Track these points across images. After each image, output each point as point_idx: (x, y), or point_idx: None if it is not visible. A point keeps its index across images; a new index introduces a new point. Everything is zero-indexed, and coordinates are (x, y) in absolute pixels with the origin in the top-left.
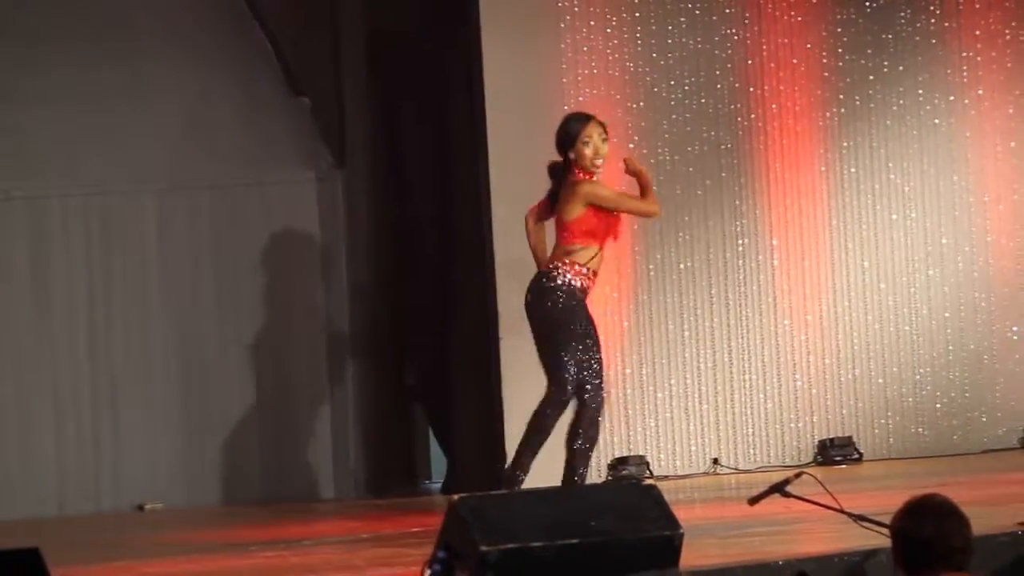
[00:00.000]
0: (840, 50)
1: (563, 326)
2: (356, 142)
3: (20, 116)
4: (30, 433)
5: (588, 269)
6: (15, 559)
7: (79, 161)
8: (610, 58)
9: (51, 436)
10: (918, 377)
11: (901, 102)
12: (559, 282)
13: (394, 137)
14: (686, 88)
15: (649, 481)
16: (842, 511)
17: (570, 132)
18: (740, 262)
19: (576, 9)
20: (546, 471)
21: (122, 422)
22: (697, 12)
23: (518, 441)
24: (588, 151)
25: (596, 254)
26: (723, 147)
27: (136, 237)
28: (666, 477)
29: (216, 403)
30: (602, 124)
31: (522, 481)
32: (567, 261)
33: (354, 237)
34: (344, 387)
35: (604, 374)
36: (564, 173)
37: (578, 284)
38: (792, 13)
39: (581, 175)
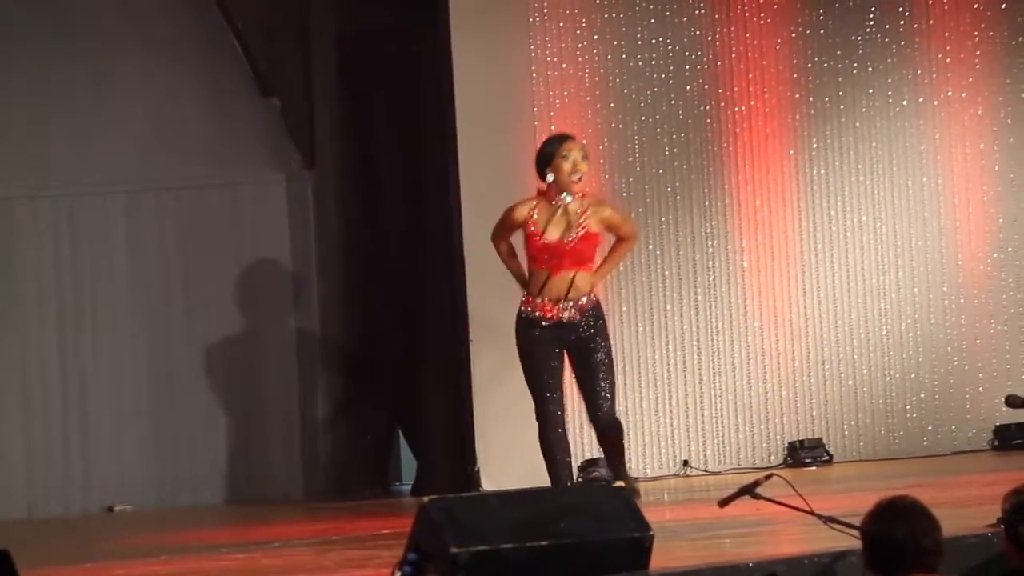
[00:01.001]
0: (809, 51)
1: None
2: (326, 143)
3: None
4: None
5: (529, 295)
6: None
7: (47, 162)
8: (580, 59)
9: (20, 438)
10: (888, 379)
11: (870, 103)
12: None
13: (364, 138)
14: (655, 90)
15: (619, 483)
16: (812, 513)
17: (547, 151)
18: (710, 264)
19: (545, 11)
20: (518, 473)
21: (91, 424)
22: (667, 13)
23: (487, 442)
24: (567, 165)
25: (535, 278)
26: (692, 148)
27: (105, 238)
28: (636, 479)
29: (185, 405)
30: (579, 141)
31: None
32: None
33: (324, 238)
34: (314, 388)
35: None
36: None
37: (525, 310)
38: (762, 14)
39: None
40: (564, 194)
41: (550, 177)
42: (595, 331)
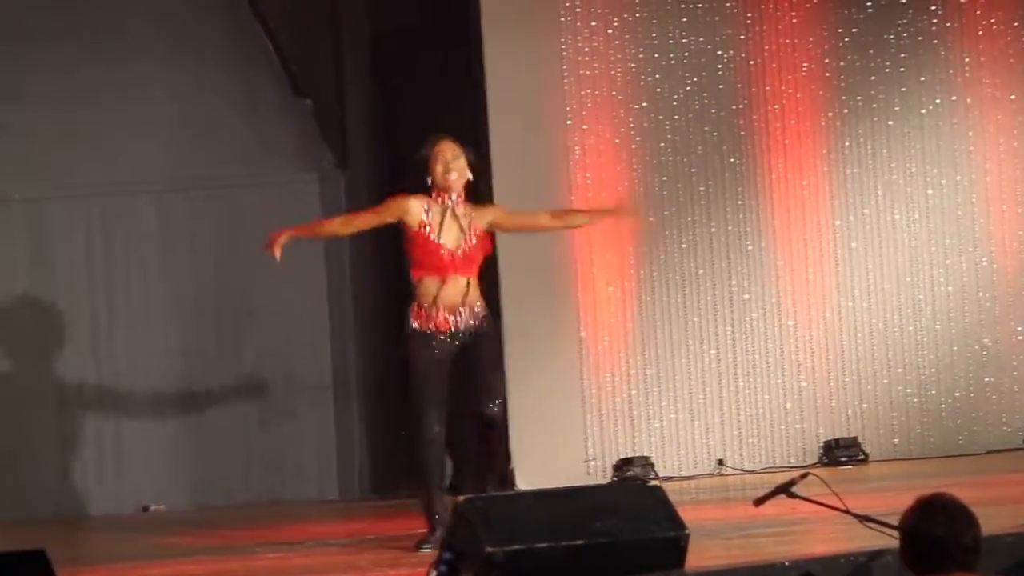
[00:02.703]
0: (842, 50)
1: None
2: (358, 142)
3: (18, 118)
4: (34, 435)
5: (421, 307)
6: (22, 561)
7: (78, 163)
8: (611, 58)
9: (54, 438)
10: (923, 377)
11: (903, 102)
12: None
13: (396, 138)
14: (688, 88)
15: (654, 482)
16: (848, 512)
17: (419, 155)
18: (743, 263)
19: (577, 10)
20: (553, 473)
21: (125, 423)
22: (699, 12)
23: (521, 442)
24: (439, 167)
25: (424, 286)
26: (725, 147)
27: (136, 238)
28: (671, 478)
29: (219, 404)
30: (454, 142)
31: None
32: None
33: (356, 237)
34: (348, 388)
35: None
36: None
37: (418, 325)
38: (794, 14)
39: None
40: (451, 194)
41: (429, 180)
42: (488, 331)
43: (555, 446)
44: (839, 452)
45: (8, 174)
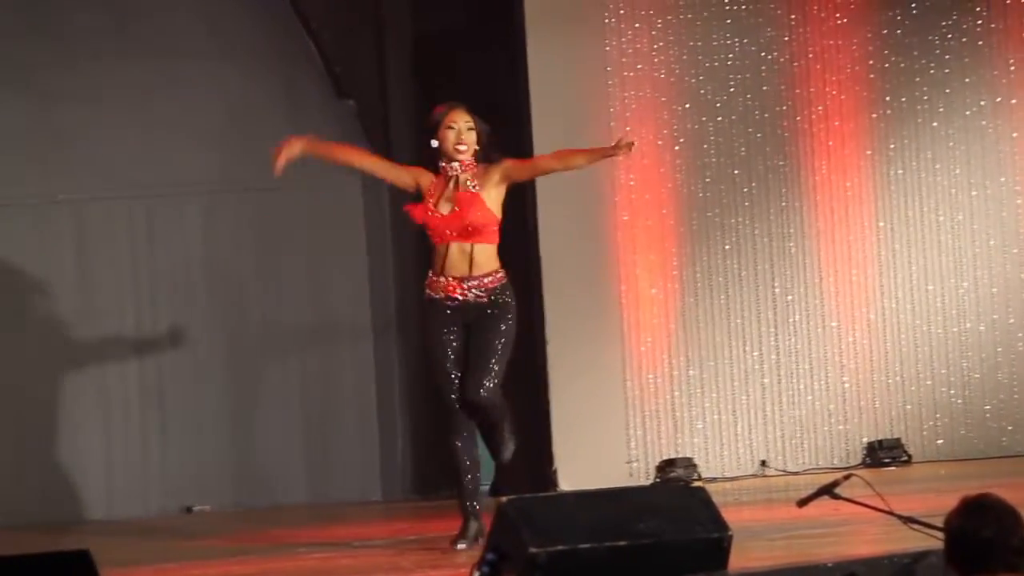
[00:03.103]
0: (886, 52)
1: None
2: (402, 144)
3: (63, 120)
4: (78, 436)
5: (433, 274)
6: (66, 561)
7: (122, 164)
8: (655, 60)
9: (99, 439)
10: (967, 379)
11: (948, 103)
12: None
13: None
14: (732, 90)
15: (697, 483)
16: (891, 513)
17: (433, 118)
18: (787, 264)
19: (621, 11)
20: (596, 473)
21: (169, 424)
22: (743, 14)
23: (564, 442)
24: (451, 135)
25: (436, 253)
26: (769, 148)
27: (180, 240)
28: (714, 479)
29: (263, 405)
30: (467, 111)
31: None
32: None
33: (400, 239)
34: (391, 388)
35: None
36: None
37: (430, 293)
38: (838, 15)
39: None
40: (453, 163)
41: (434, 143)
42: (499, 309)
43: (598, 447)
44: (882, 453)
45: (53, 175)
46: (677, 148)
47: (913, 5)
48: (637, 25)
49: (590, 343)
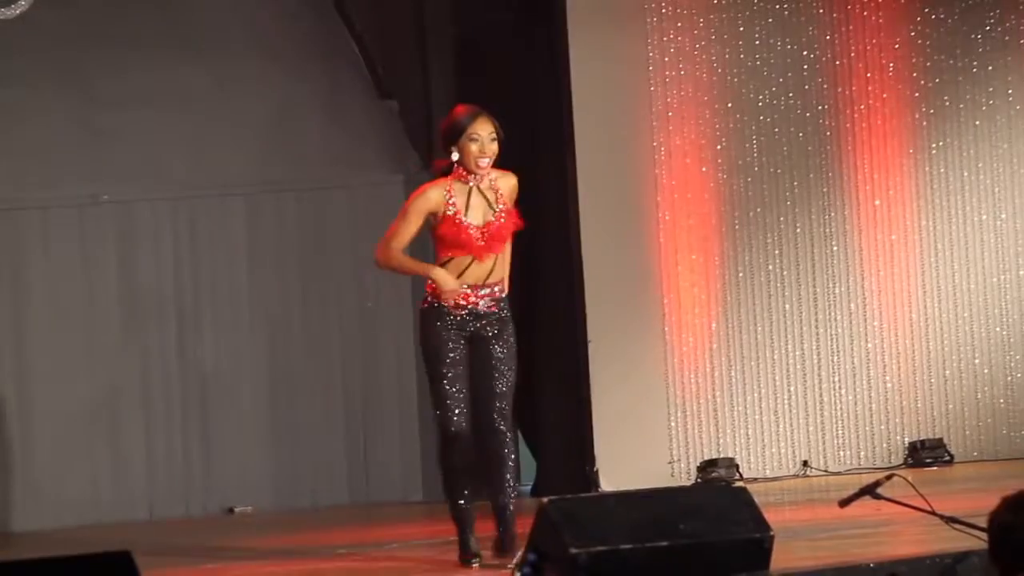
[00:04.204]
0: (929, 50)
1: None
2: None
3: (108, 120)
4: (120, 437)
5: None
6: (107, 562)
7: (166, 164)
8: (697, 59)
9: (141, 440)
10: (1009, 378)
11: (990, 102)
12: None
13: None
14: (774, 89)
15: (739, 483)
16: (934, 513)
17: (456, 127)
18: (829, 263)
19: (663, 11)
20: (637, 474)
21: (212, 425)
22: (785, 13)
23: (606, 443)
24: (474, 147)
25: (453, 265)
26: (811, 148)
27: (224, 240)
28: (756, 479)
29: (304, 405)
30: (490, 119)
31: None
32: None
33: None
34: None
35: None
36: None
37: (436, 301)
38: (880, 13)
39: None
40: (477, 174)
41: (455, 155)
42: (503, 324)
43: (639, 448)
44: (924, 453)
45: (98, 175)
46: (719, 147)
47: (956, 3)
48: (679, 24)
49: (631, 343)
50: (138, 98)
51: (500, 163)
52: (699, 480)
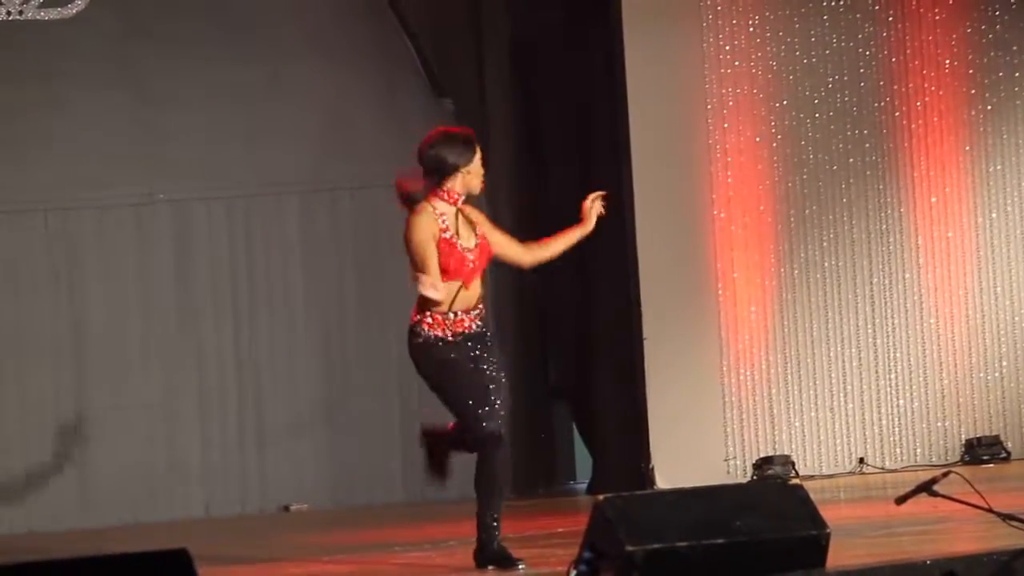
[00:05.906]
0: (985, 46)
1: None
2: (499, 143)
3: (164, 120)
4: (177, 435)
5: (436, 312)
6: (164, 560)
7: (221, 164)
8: (753, 57)
9: (198, 438)
10: None
11: None
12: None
13: (536, 138)
14: (830, 86)
15: (795, 480)
16: (991, 510)
17: (452, 161)
18: (885, 260)
19: (719, 8)
20: (693, 471)
21: (267, 423)
22: (841, 10)
23: (661, 440)
24: (475, 181)
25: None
26: (867, 145)
27: (279, 238)
28: (812, 477)
29: (360, 404)
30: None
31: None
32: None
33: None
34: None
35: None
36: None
37: (431, 332)
38: (936, 10)
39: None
40: (462, 199)
41: (449, 184)
42: (491, 343)
43: (695, 445)
44: (981, 450)
45: (154, 174)
46: (775, 144)
47: (1012, 0)
48: (734, 22)
49: (687, 341)
50: (193, 97)
51: (554, 163)
52: (755, 477)
